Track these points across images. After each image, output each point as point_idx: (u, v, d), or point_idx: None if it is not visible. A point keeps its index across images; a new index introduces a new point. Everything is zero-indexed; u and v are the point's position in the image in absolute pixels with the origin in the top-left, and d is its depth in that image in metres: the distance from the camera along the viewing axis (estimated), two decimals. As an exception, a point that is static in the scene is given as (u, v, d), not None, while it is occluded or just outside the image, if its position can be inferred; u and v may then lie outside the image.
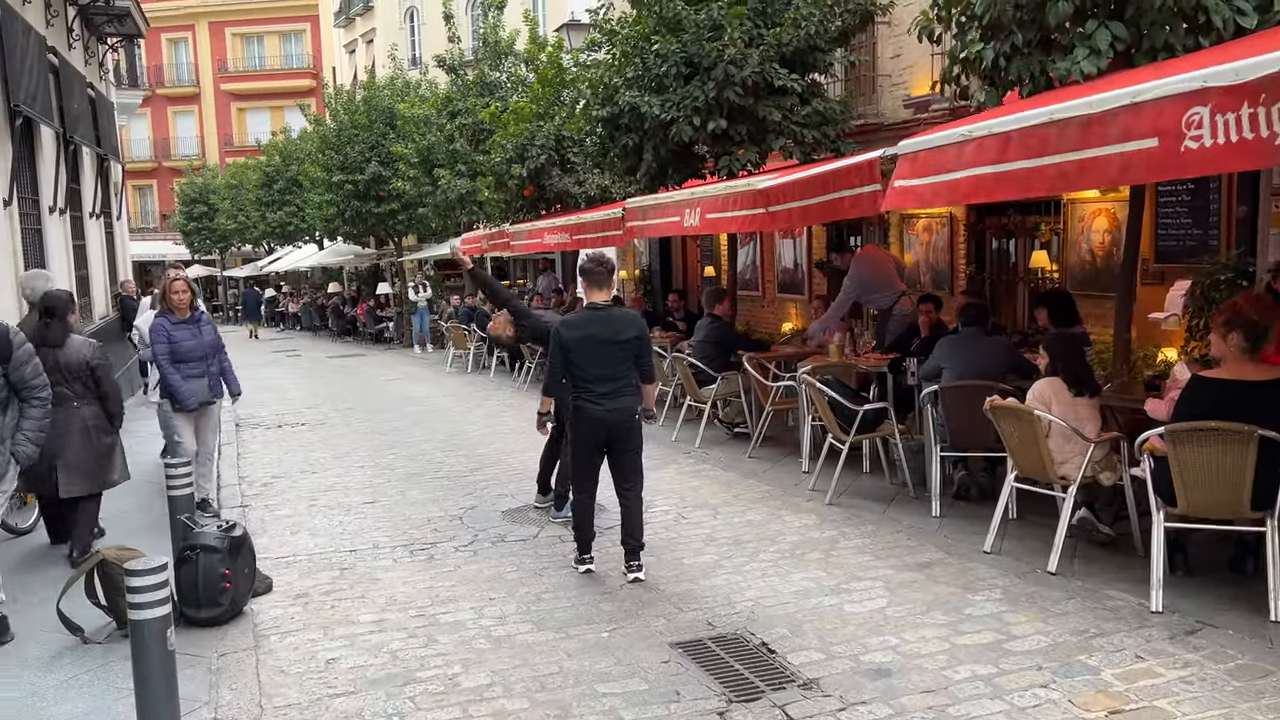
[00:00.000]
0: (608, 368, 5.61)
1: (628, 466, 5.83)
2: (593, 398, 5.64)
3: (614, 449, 5.79)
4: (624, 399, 5.67)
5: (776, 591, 5.45)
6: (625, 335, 5.66)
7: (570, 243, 12.68)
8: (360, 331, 27.19)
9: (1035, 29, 6.15)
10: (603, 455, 5.85)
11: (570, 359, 5.63)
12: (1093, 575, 5.46)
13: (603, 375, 5.62)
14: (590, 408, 5.65)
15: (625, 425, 5.70)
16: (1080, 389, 5.68)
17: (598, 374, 5.61)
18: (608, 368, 5.61)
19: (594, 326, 5.66)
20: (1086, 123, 4.67)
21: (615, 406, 5.63)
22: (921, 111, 10.88)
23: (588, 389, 5.65)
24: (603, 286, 5.80)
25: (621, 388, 5.65)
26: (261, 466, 9.60)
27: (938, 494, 6.88)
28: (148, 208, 48.69)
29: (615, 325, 5.69)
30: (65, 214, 11.82)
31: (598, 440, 5.74)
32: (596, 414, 5.64)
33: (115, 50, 16.33)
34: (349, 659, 4.71)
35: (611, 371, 5.62)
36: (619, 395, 5.65)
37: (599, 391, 5.62)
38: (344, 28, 38.02)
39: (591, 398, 5.64)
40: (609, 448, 5.79)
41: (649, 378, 5.91)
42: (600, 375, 5.61)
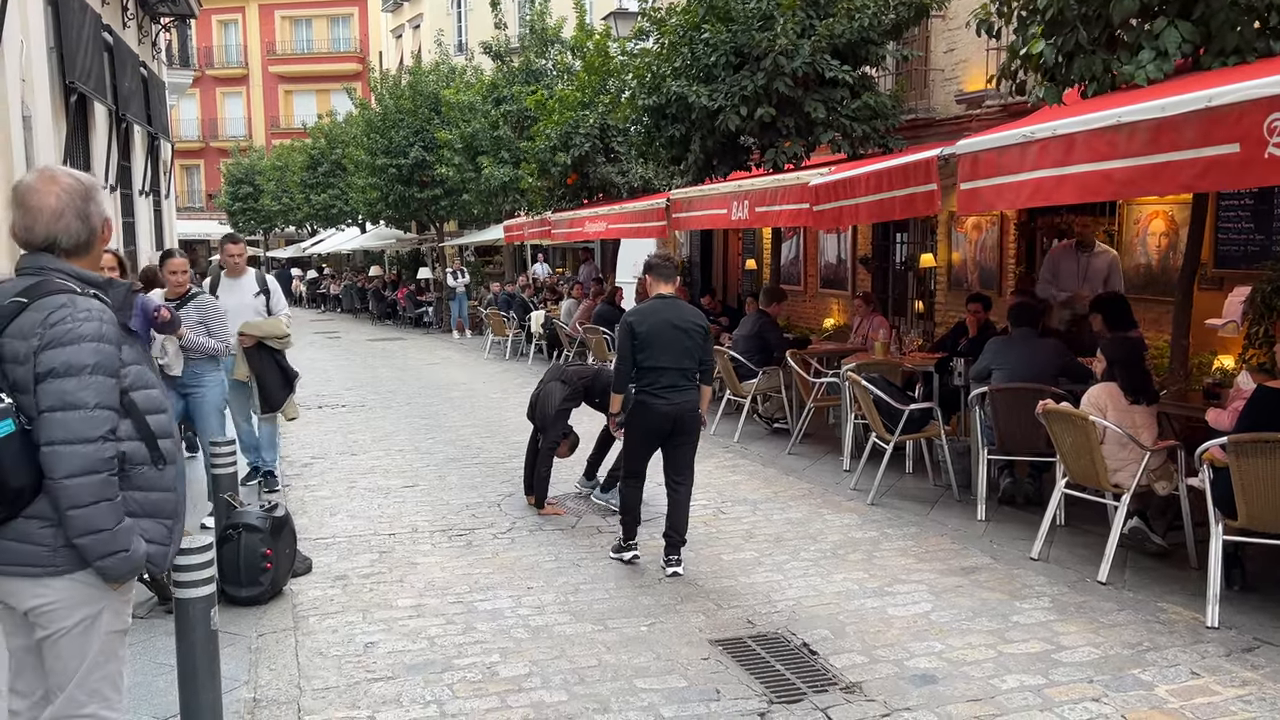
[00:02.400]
0: (674, 357, 5.62)
1: (682, 460, 5.84)
2: (657, 390, 5.64)
3: (671, 442, 5.80)
4: (687, 393, 5.69)
5: (818, 591, 5.37)
6: (693, 324, 5.70)
7: (607, 231, 12.62)
8: (400, 315, 27.33)
9: (1100, 26, 5.98)
10: (659, 447, 5.86)
11: (638, 346, 5.63)
12: (1145, 587, 5.33)
13: (668, 366, 5.62)
14: (654, 401, 5.65)
15: (688, 418, 5.72)
16: (1138, 396, 5.54)
17: (664, 364, 5.61)
18: (674, 357, 5.62)
19: (665, 313, 5.69)
20: (1157, 127, 4.54)
21: (679, 400, 5.65)
22: (974, 107, 10.69)
23: (653, 381, 5.64)
24: (669, 280, 5.86)
25: (684, 381, 5.67)
26: (301, 447, 9.66)
27: (983, 498, 6.76)
28: (195, 187, 49.36)
29: (684, 314, 5.74)
30: (115, 191, 11.96)
31: (661, 432, 5.75)
32: (661, 408, 5.65)
33: (167, 30, 16.47)
34: (387, 643, 4.70)
35: (677, 362, 5.63)
36: (681, 389, 5.66)
37: (663, 384, 5.63)
38: (391, 12, 38.17)
39: (656, 390, 5.64)
40: (667, 440, 5.80)
41: (708, 378, 5.91)
42: (666, 366, 5.61)
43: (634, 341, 5.64)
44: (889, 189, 6.42)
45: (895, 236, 13.08)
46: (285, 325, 7.63)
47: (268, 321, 7.52)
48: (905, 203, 6.22)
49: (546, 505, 7.05)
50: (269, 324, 7.50)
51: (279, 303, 7.79)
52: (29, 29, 8.32)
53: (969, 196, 5.70)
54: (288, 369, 7.56)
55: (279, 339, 7.50)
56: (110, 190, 11.65)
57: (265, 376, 7.36)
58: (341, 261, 39.95)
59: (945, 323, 11.31)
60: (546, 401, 7.01)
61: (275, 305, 7.72)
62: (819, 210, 7.48)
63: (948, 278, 11.85)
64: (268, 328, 7.44)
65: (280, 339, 7.51)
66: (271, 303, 7.69)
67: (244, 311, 7.46)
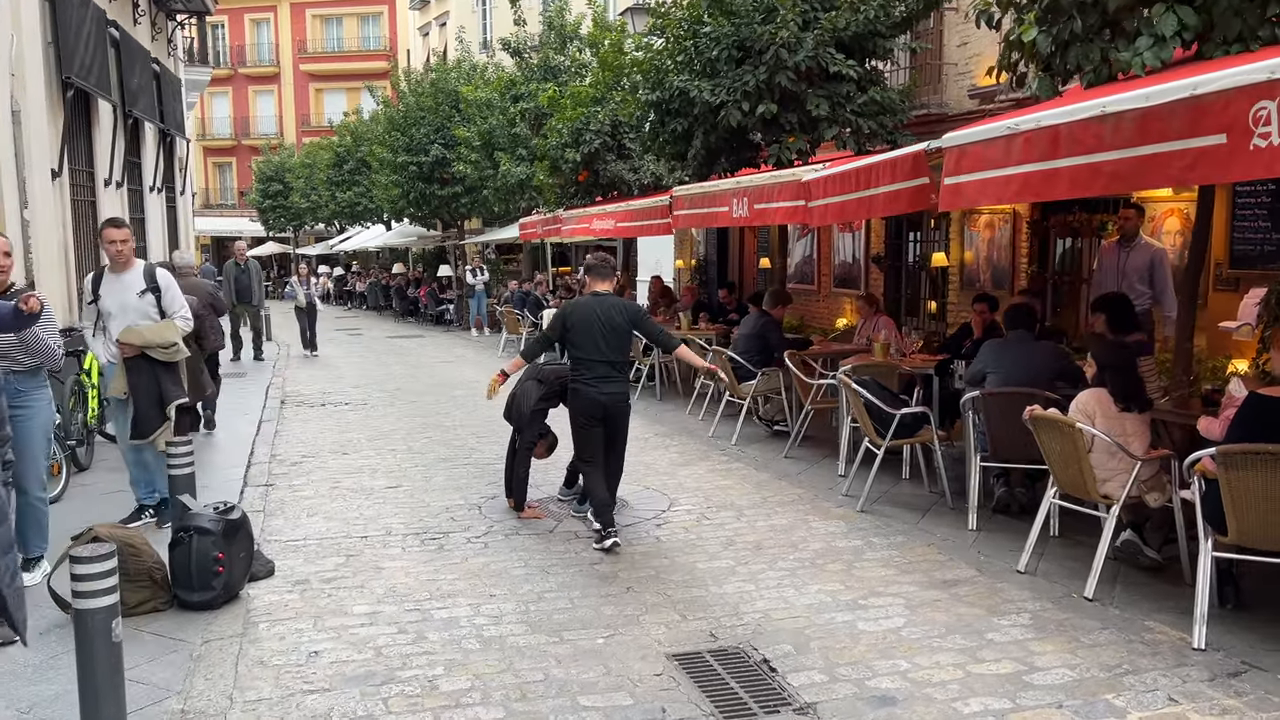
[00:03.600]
0: (599, 350, 6.09)
1: (618, 445, 6.39)
2: (588, 380, 6.13)
3: (607, 429, 6.25)
4: (616, 384, 6.18)
5: (788, 603, 5.16)
6: (618, 319, 6.15)
7: (615, 229, 12.46)
8: (421, 313, 27.37)
9: (1096, 14, 5.71)
10: (601, 432, 6.26)
11: (567, 334, 6.18)
12: (1133, 604, 5.06)
13: (595, 359, 6.10)
14: (586, 389, 6.14)
15: (618, 409, 6.22)
16: (1128, 403, 5.26)
17: (592, 356, 6.10)
18: (599, 350, 6.09)
19: (595, 307, 6.18)
20: (1143, 117, 4.29)
21: (610, 390, 6.14)
22: (987, 102, 10.39)
23: (583, 372, 6.13)
24: (606, 279, 6.39)
25: (614, 374, 6.15)
26: (296, 445, 9.58)
27: (975, 506, 6.50)
28: (227, 184, 49.87)
29: (611, 308, 6.19)
30: (122, 187, 11.98)
31: (595, 418, 6.19)
32: (593, 395, 6.13)
33: (183, 27, 16.53)
34: (333, 653, 4.55)
35: (603, 355, 6.10)
36: (611, 380, 6.14)
37: (592, 375, 6.11)
38: (419, 10, 38.27)
39: (587, 380, 6.13)
40: (604, 431, 6.25)
41: (667, 347, 6.50)
42: (593, 358, 6.10)
43: (564, 328, 6.18)
44: (877, 184, 6.18)
45: (908, 235, 12.79)
46: (177, 332, 6.41)
47: (154, 327, 6.33)
48: (891, 199, 5.97)
49: (526, 508, 6.90)
50: (155, 330, 6.31)
51: (172, 302, 6.45)
52: (21, 23, 8.31)
53: (952, 192, 5.46)
54: (168, 390, 6.34)
55: (164, 349, 6.29)
56: (116, 186, 11.67)
57: (139, 393, 6.27)
58: (369, 259, 40.13)
59: (957, 323, 11.02)
60: (523, 401, 6.85)
61: (167, 305, 6.42)
62: (812, 207, 7.26)
63: (960, 277, 11.55)
64: (152, 335, 6.29)
65: (166, 348, 6.31)
66: (163, 303, 6.40)
67: (127, 313, 6.30)
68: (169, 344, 6.33)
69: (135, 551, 4.93)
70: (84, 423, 8.31)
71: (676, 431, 10.01)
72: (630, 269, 18.73)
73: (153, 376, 6.30)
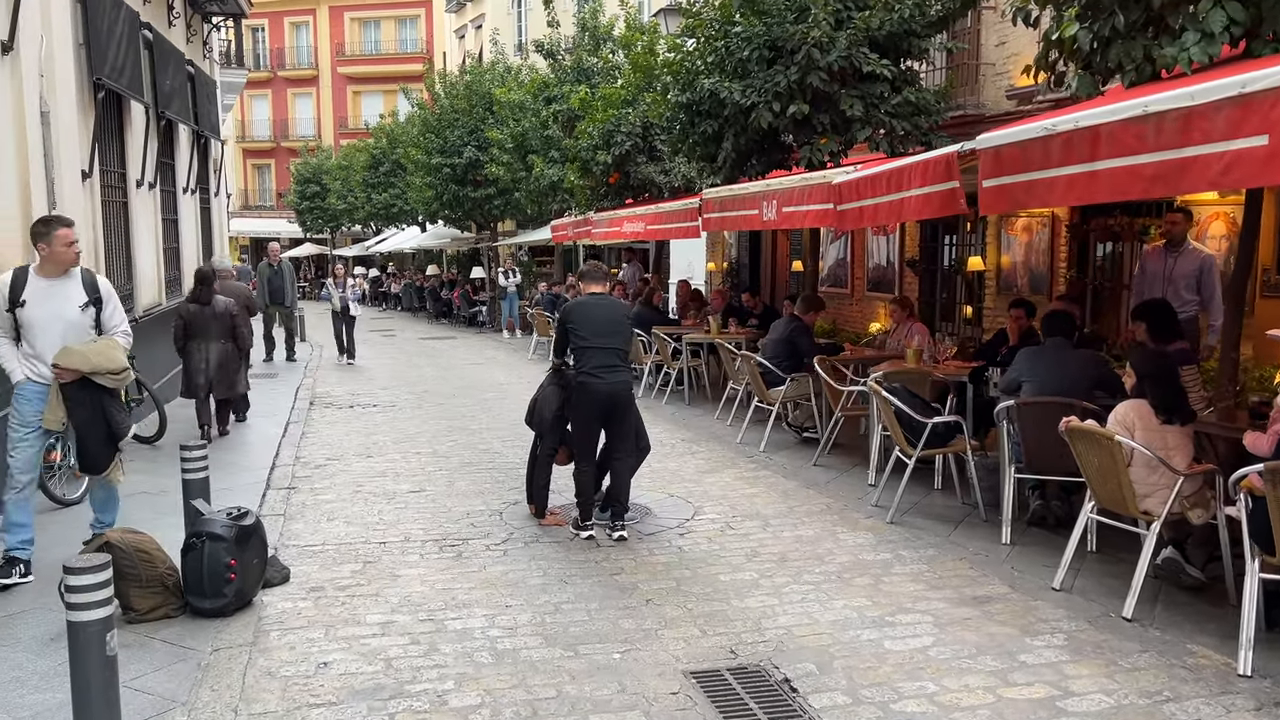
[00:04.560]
0: (601, 337, 6.35)
1: (621, 436, 6.50)
2: (593, 370, 6.30)
3: (612, 420, 6.42)
4: (619, 373, 6.39)
5: (813, 619, 5.00)
6: (615, 312, 6.61)
7: (645, 232, 12.33)
8: (455, 314, 27.42)
9: (1139, 9, 5.49)
10: (601, 428, 6.47)
11: (574, 330, 6.40)
12: (1174, 625, 4.84)
13: (598, 346, 6.33)
14: (593, 382, 6.30)
15: (622, 397, 6.40)
16: (1170, 415, 5.04)
17: (594, 344, 6.32)
18: (601, 337, 6.35)
19: (593, 302, 6.55)
20: (1187, 116, 4.09)
21: (614, 380, 6.33)
22: (1025, 103, 10.14)
23: (587, 361, 6.32)
24: (599, 282, 6.73)
25: (616, 361, 6.39)
26: (321, 447, 9.54)
27: (1009, 519, 6.29)
28: (266, 185, 50.39)
29: (606, 304, 6.63)
30: (155, 188, 12.02)
31: (602, 413, 6.38)
32: (599, 388, 6.29)
33: (218, 29, 16.63)
34: (343, 664, 4.46)
35: (604, 341, 6.35)
36: (614, 369, 6.35)
37: (596, 363, 6.30)
38: (455, 13, 38.39)
39: (592, 370, 6.30)
40: (608, 419, 6.41)
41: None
42: (596, 345, 6.33)
43: (569, 323, 6.45)
44: (908, 187, 5.99)
45: (944, 238, 12.54)
46: (123, 352, 5.49)
47: (98, 347, 5.36)
48: (921, 202, 5.78)
49: (548, 515, 6.78)
50: (100, 351, 5.34)
51: (113, 315, 5.53)
52: (51, 25, 8.32)
53: (994, 194, 5.27)
54: (117, 422, 5.48)
55: (114, 374, 5.35)
56: (149, 187, 11.72)
57: (86, 428, 5.40)
58: (405, 260, 40.33)
59: (993, 329, 10.76)
60: (545, 406, 6.74)
61: (108, 320, 5.50)
62: (842, 210, 7.08)
63: (997, 281, 11.30)
64: (98, 357, 5.31)
65: (117, 374, 5.37)
66: (103, 316, 5.48)
67: (59, 328, 5.33)
68: (119, 368, 5.37)
69: (147, 557, 4.87)
70: (110, 423, 8.30)
71: (704, 437, 9.85)
72: (661, 271, 18.59)
73: (98, 407, 5.38)
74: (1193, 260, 7.40)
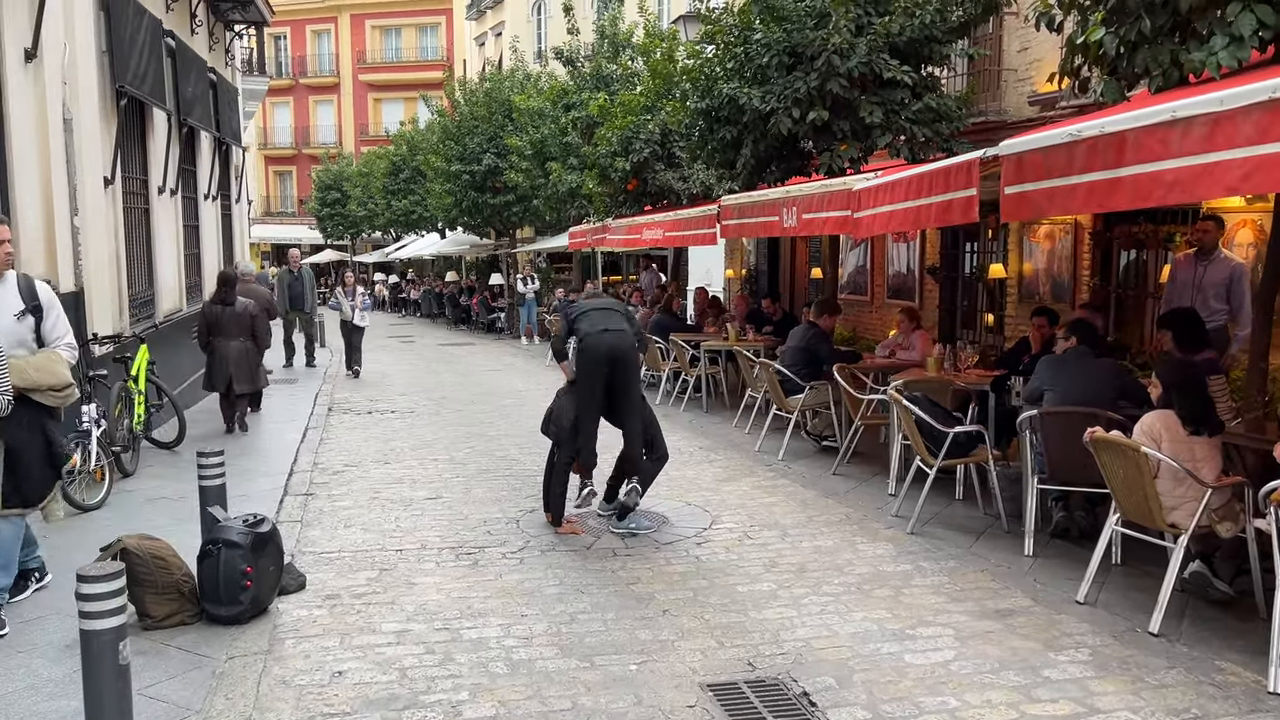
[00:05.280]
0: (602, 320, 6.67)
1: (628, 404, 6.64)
2: (593, 332, 6.56)
3: (615, 380, 6.55)
4: (621, 336, 6.62)
5: (832, 631, 4.93)
6: (613, 307, 6.98)
7: (664, 239, 12.29)
8: (474, 320, 27.49)
9: (1166, 14, 5.40)
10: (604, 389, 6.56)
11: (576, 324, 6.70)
12: (1202, 641, 4.75)
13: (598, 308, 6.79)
14: (592, 340, 6.54)
15: (624, 354, 6.58)
16: (1198, 427, 4.95)
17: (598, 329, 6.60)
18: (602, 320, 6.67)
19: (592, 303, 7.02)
20: (1214, 122, 4.01)
21: (612, 339, 6.56)
22: (1048, 109, 10.03)
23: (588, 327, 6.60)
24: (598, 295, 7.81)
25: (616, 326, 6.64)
26: (339, 453, 9.55)
27: (1032, 530, 6.20)
28: (287, 192, 50.74)
29: (604, 302, 7.10)
30: (176, 195, 12.10)
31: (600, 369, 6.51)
32: (599, 343, 6.52)
33: (240, 37, 16.74)
34: (358, 673, 4.43)
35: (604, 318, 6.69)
36: (614, 331, 6.61)
37: (597, 326, 6.58)
38: (475, 20, 38.55)
39: (592, 333, 6.56)
40: (611, 377, 6.52)
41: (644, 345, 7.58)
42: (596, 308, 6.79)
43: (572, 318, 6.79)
44: (927, 194, 5.92)
45: (965, 245, 12.43)
46: (66, 366, 4.91)
47: (38, 360, 4.81)
48: (941, 210, 5.71)
49: (564, 523, 6.74)
50: (41, 365, 4.79)
51: (56, 326, 4.96)
52: (74, 33, 8.39)
53: (1015, 201, 5.19)
54: (58, 443, 4.95)
55: (57, 391, 4.80)
56: (170, 194, 11.79)
57: (21, 451, 4.76)
58: (425, 267, 40.48)
59: (1015, 337, 10.65)
60: (561, 415, 6.70)
61: (50, 331, 4.93)
62: (859, 217, 7.01)
63: (1018, 289, 11.18)
64: (39, 372, 4.75)
65: (60, 390, 4.82)
66: (44, 327, 4.92)
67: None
68: (63, 384, 4.79)
69: (164, 564, 4.87)
70: (130, 428, 8.35)
71: (722, 445, 9.79)
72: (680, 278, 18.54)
73: (38, 427, 4.80)
74: (1223, 268, 7.26)
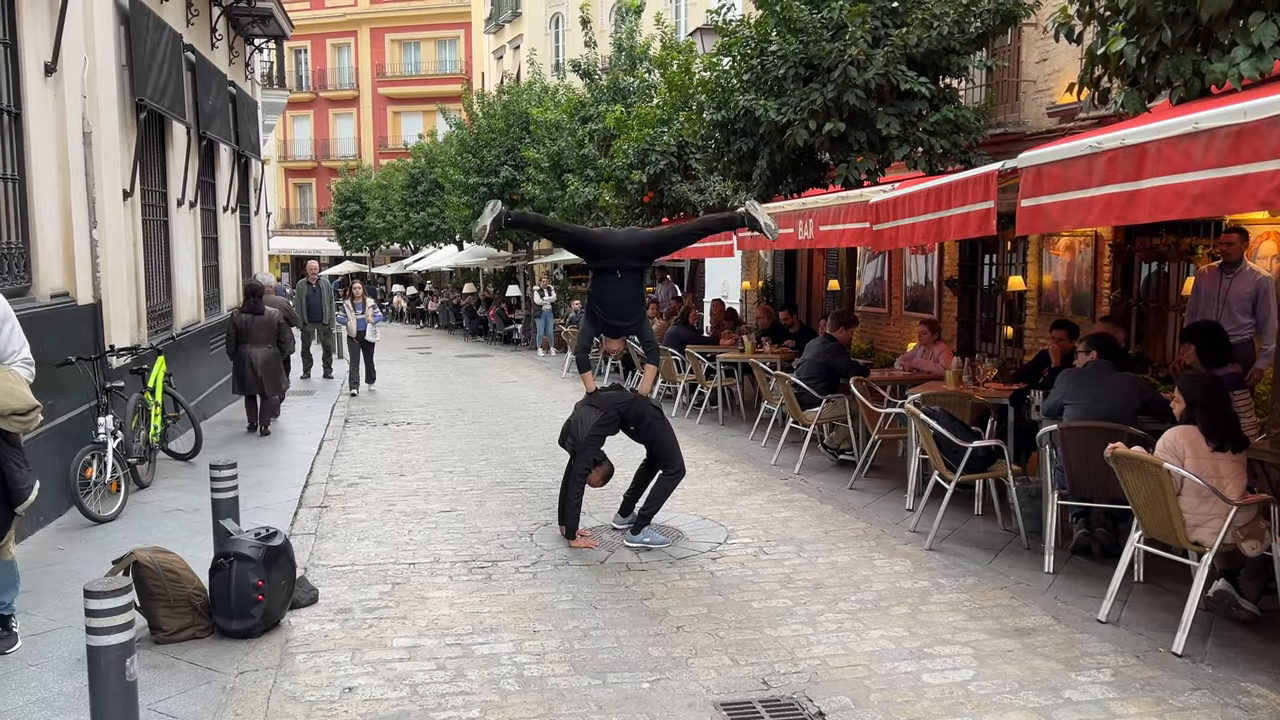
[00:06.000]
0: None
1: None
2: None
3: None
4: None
5: (848, 650, 4.86)
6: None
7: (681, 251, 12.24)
8: (491, 332, 27.54)
9: (1188, 23, 5.33)
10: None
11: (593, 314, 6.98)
12: (1228, 661, 4.65)
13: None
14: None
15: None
16: (1222, 442, 4.86)
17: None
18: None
19: None
20: (1238, 134, 3.94)
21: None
22: (1067, 120, 9.96)
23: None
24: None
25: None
26: (354, 466, 9.54)
27: (1052, 547, 6.11)
28: (307, 204, 51.07)
29: None
30: (195, 207, 12.17)
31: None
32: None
33: (260, 50, 16.85)
34: (368, 689, 4.39)
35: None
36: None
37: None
38: (493, 34, 38.75)
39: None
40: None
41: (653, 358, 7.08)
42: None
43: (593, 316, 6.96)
44: (945, 207, 5.86)
45: (983, 258, 12.34)
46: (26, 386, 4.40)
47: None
48: (959, 223, 5.65)
49: (578, 537, 6.70)
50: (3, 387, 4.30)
51: (11, 340, 4.45)
52: (95, 47, 8.45)
53: (1031, 214, 5.13)
54: (16, 477, 4.41)
55: (21, 415, 4.31)
56: (189, 206, 11.86)
57: None
58: (442, 278, 40.62)
59: (1035, 350, 10.55)
60: (579, 427, 6.66)
61: (4, 346, 4.44)
62: (877, 230, 6.96)
63: (1038, 302, 11.08)
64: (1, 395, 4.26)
65: (23, 415, 4.33)
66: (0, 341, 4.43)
67: None
68: (27, 407, 4.28)
69: (176, 577, 4.85)
70: (146, 440, 8.37)
71: (737, 458, 9.72)
72: (697, 290, 18.51)
73: None
74: (1248, 282, 7.14)
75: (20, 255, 7.05)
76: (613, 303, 6.83)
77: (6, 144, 6.93)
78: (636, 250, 6.87)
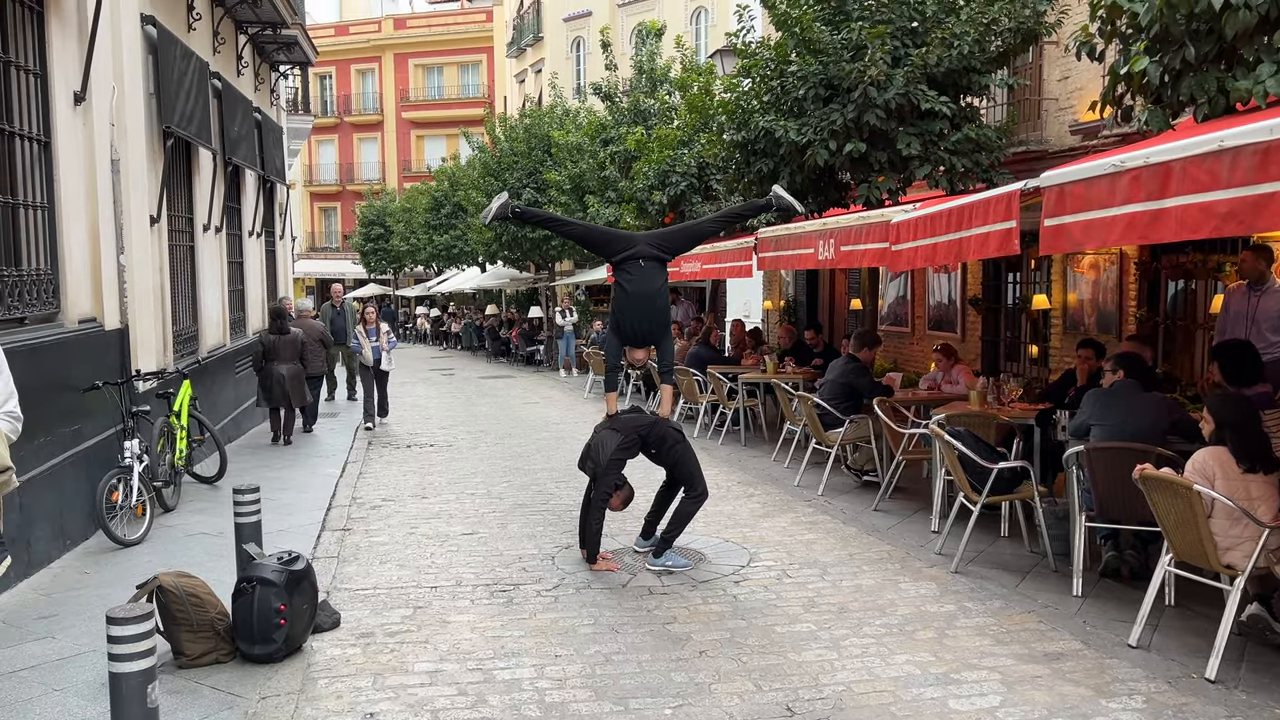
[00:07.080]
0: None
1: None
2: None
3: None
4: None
5: (873, 675, 4.80)
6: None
7: (701, 271, 12.26)
8: (513, 353, 27.63)
9: (1212, 41, 5.30)
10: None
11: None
12: (1262, 688, 4.55)
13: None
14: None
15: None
16: (1253, 464, 4.78)
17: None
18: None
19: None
20: (1265, 151, 3.89)
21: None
22: (1090, 138, 9.90)
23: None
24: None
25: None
26: (377, 488, 9.56)
27: (1080, 570, 6.02)
28: (331, 228, 51.55)
29: None
30: (221, 232, 12.30)
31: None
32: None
33: (285, 77, 17.06)
34: (390, 714, 4.38)
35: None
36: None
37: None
38: (515, 58, 39.08)
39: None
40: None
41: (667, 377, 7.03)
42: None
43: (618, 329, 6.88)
44: (966, 227, 5.83)
45: (1007, 276, 12.25)
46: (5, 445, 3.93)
47: None
48: (979, 243, 5.61)
49: (599, 560, 6.67)
50: None
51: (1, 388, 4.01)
52: (123, 76, 8.58)
53: (1054, 234, 5.09)
54: None
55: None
56: (215, 231, 12.00)
57: None
58: (465, 300, 40.85)
59: (1060, 369, 10.45)
60: (599, 450, 6.64)
61: None
62: (897, 250, 6.93)
63: (1063, 321, 10.98)
64: None
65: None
66: None
67: None
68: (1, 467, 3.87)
69: (199, 602, 4.86)
70: (171, 463, 8.43)
71: (760, 480, 9.67)
72: (718, 310, 18.49)
73: None
74: (1276, 299, 7.05)
75: (49, 282, 7.14)
76: (636, 298, 6.64)
77: (36, 172, 7.03)
78: (659, 239, 6.86)
